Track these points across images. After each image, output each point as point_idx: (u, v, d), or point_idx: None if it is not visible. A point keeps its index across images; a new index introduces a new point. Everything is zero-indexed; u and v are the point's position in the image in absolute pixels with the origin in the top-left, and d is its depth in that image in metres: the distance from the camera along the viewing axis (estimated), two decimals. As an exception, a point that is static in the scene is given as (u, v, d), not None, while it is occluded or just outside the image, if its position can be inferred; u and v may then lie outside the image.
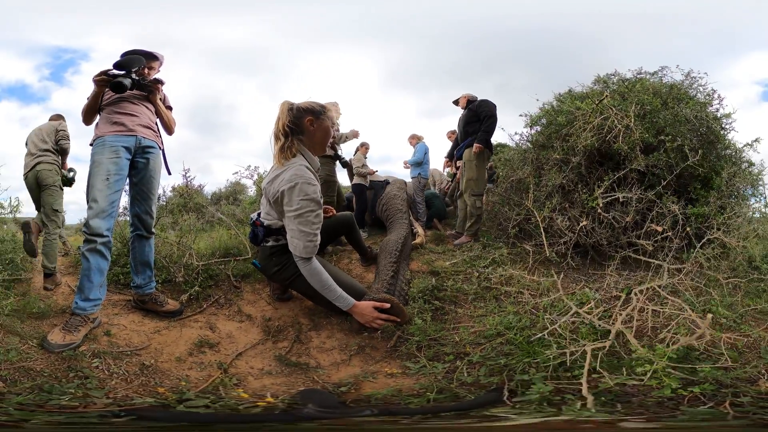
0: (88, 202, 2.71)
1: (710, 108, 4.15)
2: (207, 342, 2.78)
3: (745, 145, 4.02)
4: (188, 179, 4.97)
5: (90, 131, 2.92)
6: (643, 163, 3.62)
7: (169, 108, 3.20)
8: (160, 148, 3.06)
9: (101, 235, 2.64)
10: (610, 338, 2.29)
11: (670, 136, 3.66)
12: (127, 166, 2.85)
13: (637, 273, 3.28)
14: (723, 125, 4.10)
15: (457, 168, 5.51)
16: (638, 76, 4.50)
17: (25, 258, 3.76)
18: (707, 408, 1.69)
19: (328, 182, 4.83)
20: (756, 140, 3.94)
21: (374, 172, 6.17)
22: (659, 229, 3.29)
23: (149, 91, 2.96)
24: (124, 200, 3.09)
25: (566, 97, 4.49)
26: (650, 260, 3.22)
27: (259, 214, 2.96)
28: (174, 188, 6.52)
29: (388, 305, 2.70)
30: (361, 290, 2.90)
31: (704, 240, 3.13)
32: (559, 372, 2.16)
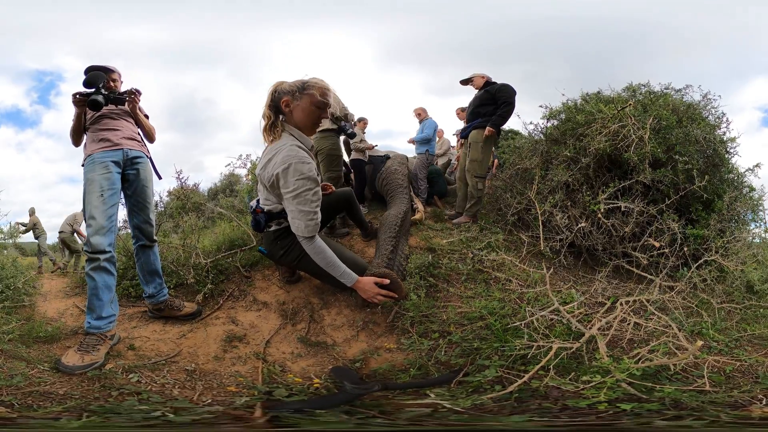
0: (86, 220, 2.62)
1: (718, 131, 4.06)
2: (235, 336, 2.80)
3: (746, 170, 3.94)
4: (182, 180, 4.85)
5: (80, 153, 2.87)
6: (649, 177, 3.50)
7: (146, 116, 3.12)
8: (147, 156, 3.01)
9: (104, 252, 2.52)
10: (580, 341, 2.23)
11: (682, 156, 3.53)
12: (119, 179, 2.79)
13: (627, 284, 3.21)
14: (728, 149, 4.02)
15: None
16: (665, 90, 4.36)
17: (28, 283, 3.66)
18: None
19: (332, 156, 4.54)
20: (757, 165, 3.85)
21: (373, 147, 5.84)
22: (657, 244, 3.20)
23: (127, 101, 2.88)
24: (123, 214, 3.06)
25: (592, 97, 4.31)
26: (643, 273, 3.13)
27: (258, 201, 2.82)
28: (170, 192, 6.34)
29: (387, 281, 2.60)
30: (364, 265, 2.80)
31: (701, 261, 3.04)
32: (516, 363, 2.19)
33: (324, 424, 1.81)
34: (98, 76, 2.75)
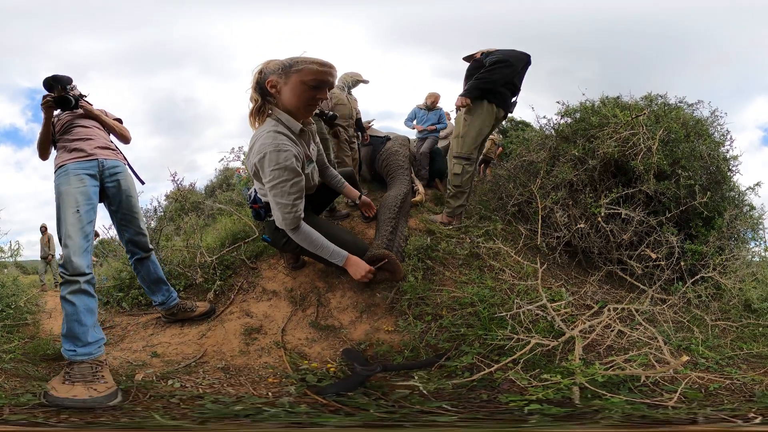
0: (61, 239, 2.33)
1: (722, 148, 4.00)
2: (252, 328, 2.80)
3: (747, 189, 3.87)
4: (178, 182, 4.72)
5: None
6: (653, 188, 3.41)
7: (119, 120, 2.92)
8: (125, 164, 2.77)
9: (84, 274, 2.24)
10: (559, 340, 2.19)
11: (686, 171, 3.45)
12: (96, 193, 2.53)
13: (618, 291, 3.13)
14: (730, 167, 3.96)
15: None
16: (678, 104, 4.26)
17: (30, 301, 3.50)
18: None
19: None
20: (757, 184, 3.77)
21: (370, 125, 5.44)
22: (653, 255, 3.11)
23: (79, 106, 2.69)
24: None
25: (611, 101, 4.19)
26: (636, 283, 3.07)
27: (256, 191, 2.67)
28: (167, 195, 6.18)
29: (385, 260, 2.51)
30: (365, 247, 2.68)
31: (697, 277, 2.95)
32: (493, 353, 2.24)
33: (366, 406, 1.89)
34: (61, 78, 2.60)
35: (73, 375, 2.06)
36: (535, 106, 4.46)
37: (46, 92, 2.57)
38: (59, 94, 2.54)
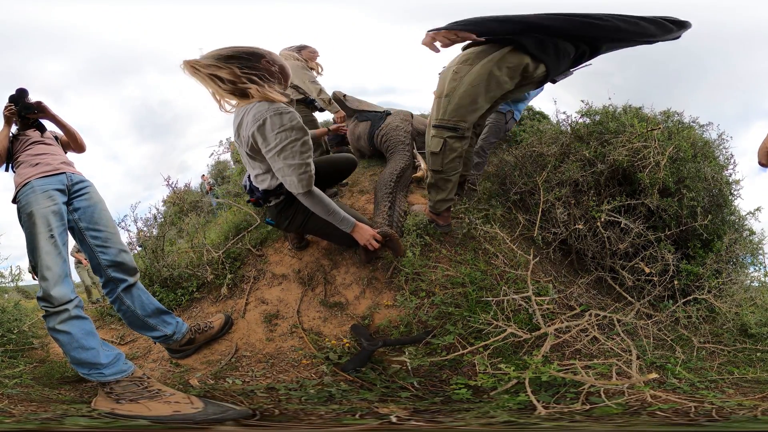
0: (37, 269, 1.99)
1: (725, 171, 3.81)
2: (271, 315, 2.77)
3: (748, 213, 3.68)
4: (172, 185, 4.49)
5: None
6: (656, 203, 3.20)
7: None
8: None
9: (70, 300, 1.95)
10: (533, 334, 2.14)
11: (689, 191, 3.24)
12: (66, 210, 2.18)
13: (605, 299, 2.95)
14: (732, 191, 3.77)
15: None
16: (692, 123, 4.05)
17: (34, 325, 3.23)
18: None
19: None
20: (758, 209, 3.57)
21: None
22: (647, 269, 2.92)
23: (41, 109, 2.41)
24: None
25: (632, 110, 3.96)
26: (624, 294, 2.88)
27: (250, 180, 2.41)
28: (164, 201, 5.90)
29: (388, 239, 2.43)
30: (366, 223, 2.52)
31: (690, 298, 2.77)
32: (471, 335, 2.24)
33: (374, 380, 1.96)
34: (21, 90, 2.35)
35: (122, 394, 1.84)
36: (558, 100, 4.14)
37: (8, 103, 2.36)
38: (23, 104, 2.35)
